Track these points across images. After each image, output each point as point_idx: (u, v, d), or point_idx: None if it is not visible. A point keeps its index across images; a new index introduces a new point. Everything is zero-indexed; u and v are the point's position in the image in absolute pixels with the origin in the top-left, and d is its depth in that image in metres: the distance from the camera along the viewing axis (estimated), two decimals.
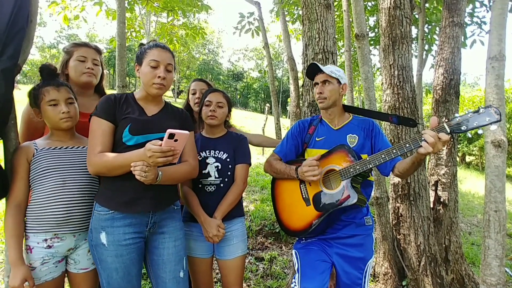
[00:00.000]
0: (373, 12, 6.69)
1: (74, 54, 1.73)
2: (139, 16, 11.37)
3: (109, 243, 1.32)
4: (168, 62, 1.43)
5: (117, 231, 1.33)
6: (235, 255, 1.70)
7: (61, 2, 5.39)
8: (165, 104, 1.55)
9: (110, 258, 1.32)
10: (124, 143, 1.35)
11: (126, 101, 1.44)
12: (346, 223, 1.62)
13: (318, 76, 1.69)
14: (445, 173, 2.96)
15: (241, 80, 51.94)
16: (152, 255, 1.46)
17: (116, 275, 1.33)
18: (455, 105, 2.98)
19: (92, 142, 1.34)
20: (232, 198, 1.67)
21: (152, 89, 1.42)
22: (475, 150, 17.23)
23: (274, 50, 35.80)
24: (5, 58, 1.26)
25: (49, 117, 1.39)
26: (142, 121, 1.40)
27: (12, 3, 1.28)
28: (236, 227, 1.73)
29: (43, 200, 1.32)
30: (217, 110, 1.73)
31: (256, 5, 6.50)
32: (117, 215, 1.34)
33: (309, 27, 2.31)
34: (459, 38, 3.02)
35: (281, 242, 3.74)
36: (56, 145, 1.42)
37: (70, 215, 1.35)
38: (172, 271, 1.45)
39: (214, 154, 1.72)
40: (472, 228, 5.46)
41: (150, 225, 1.42)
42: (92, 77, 1.74)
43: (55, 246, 1.33)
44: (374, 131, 1.66)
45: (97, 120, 1.36)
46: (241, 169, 1.73)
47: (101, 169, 1.31)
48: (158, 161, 1.18)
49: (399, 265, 2.72)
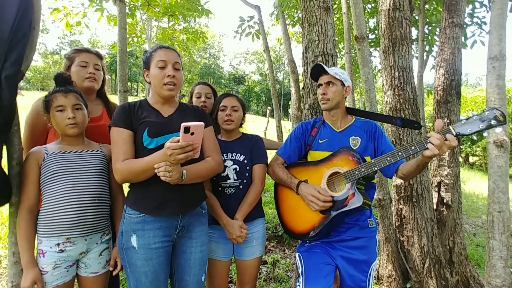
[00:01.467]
0: (373, 14, 6.71)
1: (75, 60, 1.75)
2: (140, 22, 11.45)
3: (140, 246, 1.33)
4: (175, 61, 1.44)
5: (148, 234, 1.34)
6: (254, 256, 1.75)
7: (64, 9, 5.45)
8: (179, 104, 1.56)
9: (140, 261, 1.33)
10: (146, 147, 1.37)
11: (141, 107, 1.46)
12: (350, 226, 1.62)
13: (322, 77, 1.70)
14: (447, 174, 2.95)
15: (242, 84, 52.08)
16: (179, 258, 1.47)
17: (145, 279, 1.33)
18: (457, 106, 2.97)
19: (115, 152, 1.35)
20: (252, 198, 1.70)
21: (164, 90, 1.42)
22: (479, 151, 17.15)
23: (275, 53, 35.91)
24: (8, 65, 1.28)
25: (57, 123, 1.42)
26: (160, 123, 1.41)
27: (15, 10, 1.30)
28: (257, 229, 1.77)
29: (54, 204, 1.33)
30: (233, 114, 1.76)
31: (256, 9, 6.54)
32: (148, 218, 1.35)
33: (308, 30, 2.32)
34: (459, 39, 3.01)
35: (284, 245, 3.72)
36: (66, 149, 1.44)
37: (82, 218, 1.36)
38: (196, 275, 1.48)
39: (231, 156, 1.75)
40: (477, 229, 5.42)
41: (179, 229, 1.43)
42: (94, 82, 1.76)
43: (67, 250, 1.34)
44: (377, 133, 1.67)
45: (116, 130, 1.37)
46: (259, 169, 1.76)
47: (127, 176, 1.32)
48: (179, 157, 1.18)
49: (403, 267, 2.70)
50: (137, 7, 5.39)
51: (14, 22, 1.28)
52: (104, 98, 1.89)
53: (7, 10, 1.29)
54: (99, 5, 5.14)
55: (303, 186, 1.58)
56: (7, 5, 1.30)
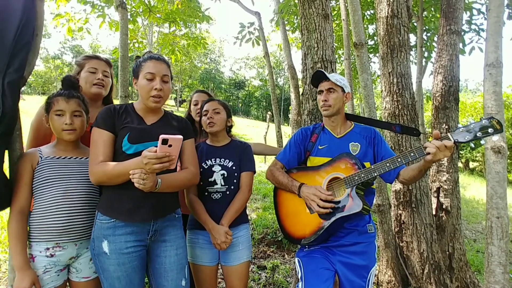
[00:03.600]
0: (372, 21, 6.77)
1: (85, 66, 1.78)
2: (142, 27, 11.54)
3: (111, 251, 1.33)
4: (163, 73, 1.44)
5: (119, 239, 1.34)
6: (240, 261, 1.72)
7: (66, 14, 5.50)
8: (164, 113, 1.57)
9: (112, 266, 1.33)
10: (124, 152, 1.37)
11: (126, 111, 1.47)
12: (349, 231, 1.62)
13: (323, 83, 1.71)
14: (446, 179, 2.96)
15: (242, 89, 52.25)
16: (154, 263, 1.46)
17: (119, 284, 1.33)
18: (455, 112, 2.99)
19: (93, 152, 1.36)
20: (239, 205, 1.70)
21: (149, 102, 1.44)
22: (479, 156, 17.14)
23: (275, 59, 36.10)
24: (11, 71, 1.30)
25: (54, 126, 1.42)
26: (141, 130, 1.42)
27: (18, 17, 1.32)
28: (242, 234, 1.75)
29: (45, 209, 1.33)
30: (214, 117, 1.77)
31: (256, 15, 6.60)
32: (119, 224, 1.35)
33: (307, 37, 2.35)
34: (457, 46, 3.05)
35: (284, 251, 3.71)
36: (60, 155, 1.44)
37: (72, 224, 1.36)
38: (174, 279, 1.45)
39: (219, 162, 1.75)
40: (477, 235, 5.40)
41: (151, 233, 1.42)
42: (101, 89, 1.78)
43: (57, 255, 1.34)
44: (376, 139, 1.68)
45: (98, 131, 1.39)
46: (247, 177, 1.76)
47: (102, 178, 1.33)
48: (154, 167, 1.18)
49: (402, 273, 2.69)
50: (139, 13, 5.44)
51: (17, 29, 1.31)
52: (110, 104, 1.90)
53: (11, 18, 1.31)
54: (101, 11, 5.20)
55: (304, 188, 1.59)
56: (11, 12, 1.32)
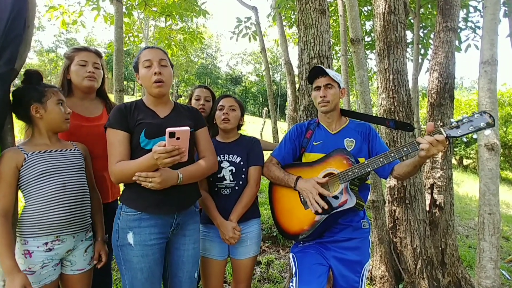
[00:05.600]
0: (369, 17, 6.76)
1: (75, 59, 1.74)
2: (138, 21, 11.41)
3: (136, 243, 1.35)
4: (160, 58, 1.44)
5: (144, 231, 1.37)
6: (247, 255, 1.76)
7: (60, 7, 5.42)
8: (175, 105, 1.58)
9: (136, 258, 1.35)
10: (143, 148, 1.38)
11: (137, 108, 1.47)
12: (344, 227, 1.63)
13: (321, 79, 1.69)
14: (440, 176, 2.98)
15: (239, 84, 52.07)
16: (172, 255, 1.50)
17: (141, 275, 1.35)
18: (450, 109, 3.01)
19: (111, 153, 1.37)
20: (247, 200, 1.72)
21: (153, 89, 1.44)
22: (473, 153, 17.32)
23: (272, 54, 35.96)
24: (1, 64, 1.28)
25: (55, 116, 1.40)
26: (156, 124, 1.42)
27: (8, 9, 1.29)
28: (252, 229, 1.78)
29: (44, 204, 1.32)
30: (230, 113, 1.77)
31: (253, 10, 6.55)
32: (144, 216, 1.38)
33: (304, 32, 2.34)
34: (453, 43, 3.05)
35: (278, 246, 3.73)
36: (45, 149, 1.40)
37: (72, 216, 1.37)
38: (189, 271, 1.50)
39: (228, 158, 1.76)
40: (470, 231, 5.47)
41: (174, 226, 1.46)
42: (93, 81, 1.75)
43: (55, 249, 1.34)
44: (371, 135, 1.68)
45: (112, 131, 1.39)
46: (254, 171, 1.77)
47: (121, 178, 1.34)
48: (165, 161, 1.19)
49: (395, 268, 2.72)
50: (134, 7, 5.37)
51: (7, 21, 1.28)
52: (104, 97, 1.88)
53: (1, 9, 1.29)
54: (96, 4, 5.12)
55: (301, 181, 1.59)
56: (1, 4, 1.29)
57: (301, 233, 1.60)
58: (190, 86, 37.89)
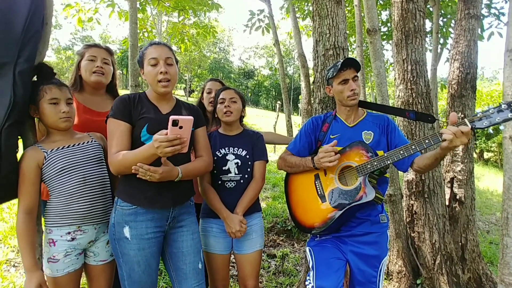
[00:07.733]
0: (386, 6, 6.55)
1: (85, 55, 1.77)
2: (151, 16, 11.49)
3: (132, 237, 1.36)
4: (166, 56, 1.43)
5: (140, 225, 1.38)
6: (253, 249, 1.74)
7: (76, 4, 5.51)
8: (176, 102, 1.58)
9: (133, 251, 1.37)
10: (143, 142, 1.38)
11: (141, 101, 1.47)
12: (361, 221, 1.60)
13: (347, 72, 1.61)
14: (461, 169, 2.89)
15: (252, 78, 51.93)
16: (171, 248, 1.51)
17: (138, 268, 1.38)
18: (472, 100, 2.89)
19: (111, 143, 1.37)
20: (253, 193, 1.71)
21: (158, 87, 1.44)
22: (494, 147, 16.71)
23: (285, 47, 35.57)
24: (22, 61, 1.31)
25: (48, 116, 1.37)
26: (159, 120, 1.43)
27: (27, 7, 1.32)
28: (255, 222, 1.77)
29: (66, 197, 1.36)
30: (231, 106, 1.76)
31: (266, 2, 6.46)
32: (140, 210, 1.39)
33: (319, 23, 2.28)
34: (475, 31, 2.92)
35: (293, 240, 3.73)
36: (64, 144, 1.42)
37: (93, 208, 1.40)
38: (192, 263, 1.50)
39: (233, 151, 1.75)
40: (491, 227, 5.31)
41: (170, 220, 1.46)
42: (101, 76, 1.77)
43: (77, 238, 1.38)
44: (389, 127, 1.64)
45: (114, 121, 1.39)
46: (260, 166, 1.77)
47: (120, 168, 1.34)
48: (166, 150, 1.17)
49: (413, 264, 2.67)
50: (148, 2, 5.40)
51: (26, 19, 1.31)
52: (115, 93, 1.90)
53: (20, 7, 1.31)
54: (110, 1, 5.18)
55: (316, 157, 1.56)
56: (20, 2, 1.32)
57: (317, 227, 1.58)
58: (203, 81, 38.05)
